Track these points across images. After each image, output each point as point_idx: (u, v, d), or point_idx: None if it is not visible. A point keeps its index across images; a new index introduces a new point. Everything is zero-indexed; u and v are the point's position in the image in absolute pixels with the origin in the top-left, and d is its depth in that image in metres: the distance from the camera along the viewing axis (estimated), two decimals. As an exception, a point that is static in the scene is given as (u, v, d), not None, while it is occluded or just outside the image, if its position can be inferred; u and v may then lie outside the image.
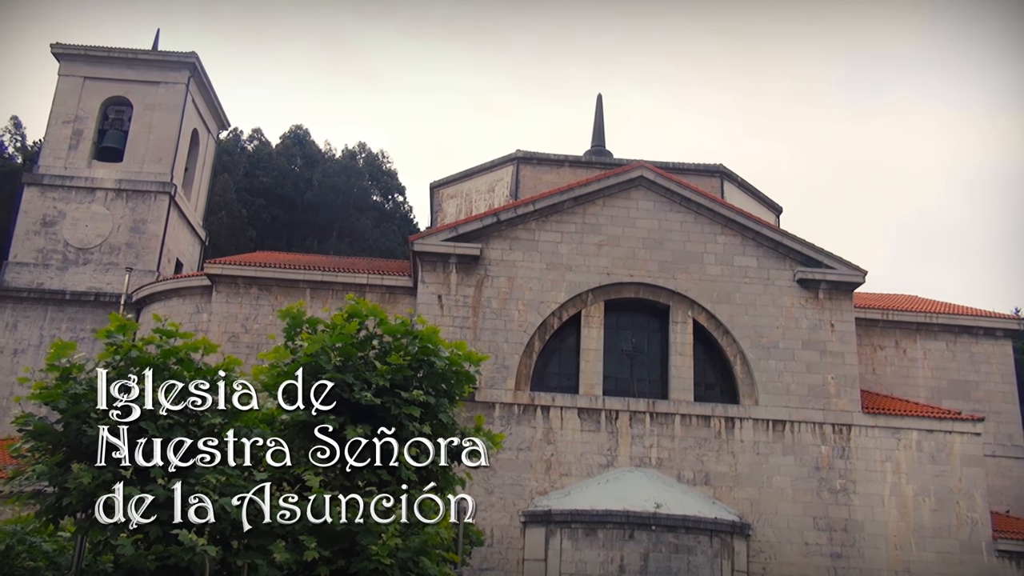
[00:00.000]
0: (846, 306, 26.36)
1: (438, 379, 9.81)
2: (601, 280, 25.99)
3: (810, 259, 26.48)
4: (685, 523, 22.67)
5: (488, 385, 24.66)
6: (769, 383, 25.45)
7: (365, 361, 9.41)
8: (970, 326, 29.60)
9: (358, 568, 7.98)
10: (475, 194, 33.52)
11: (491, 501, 23.75)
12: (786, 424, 25.09)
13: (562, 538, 22.90)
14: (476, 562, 22.49)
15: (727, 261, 26.44)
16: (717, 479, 24.48)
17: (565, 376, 25.88)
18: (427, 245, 25.82)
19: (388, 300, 27.09)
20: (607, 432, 24.68)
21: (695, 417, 25.01)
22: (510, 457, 24.14)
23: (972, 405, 28.28)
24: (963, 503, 24.65)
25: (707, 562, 22.71)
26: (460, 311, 25.39)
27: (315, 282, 27.52)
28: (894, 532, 24.34)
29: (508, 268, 25.88)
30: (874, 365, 28.84)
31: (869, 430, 25.17)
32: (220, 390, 8.72)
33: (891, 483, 24.75)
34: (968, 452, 25.13)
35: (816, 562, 23.93)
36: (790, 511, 24.30)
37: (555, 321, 25.79)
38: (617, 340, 26.26)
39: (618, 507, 22.73)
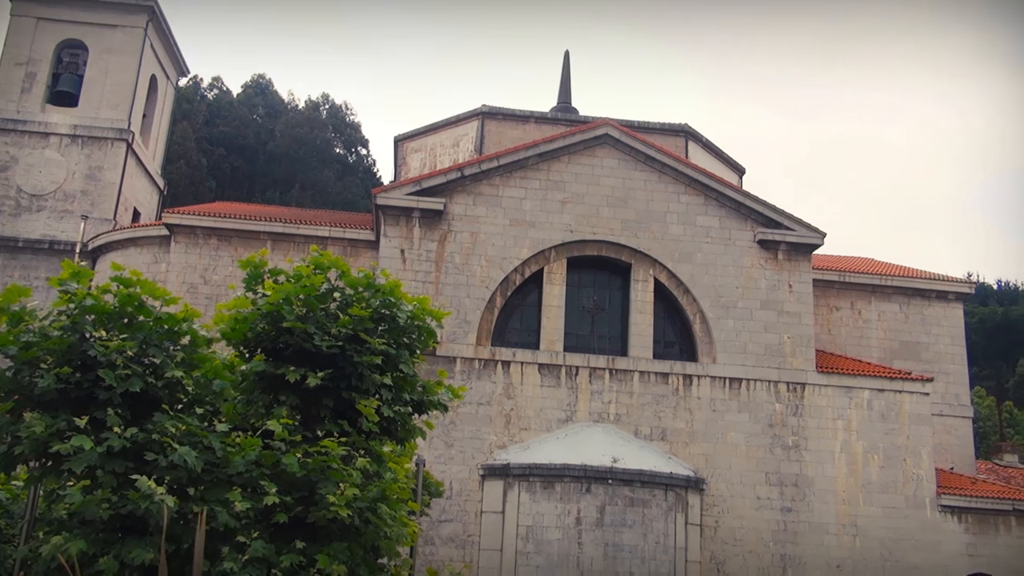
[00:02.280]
0: (804, 267, 26.76)
1: (400, 333, 9.80)
2: (564, 237, 26.05)
3: (771, 220, 26.77)
4: (641, 477, 23.11)
5: (450, 340, 24.74)
6: (727, 342, 25.84)
7: (327, 313, 9.37)
8: (923, 289, 30.24)
9: (316, 516, 8.04)
10: (439, 148, 33.27)
11: (451, 454, 23.97)
12: (742, 382, 25.55)
13: (520, 491, 23.22)
14: (435, 513, 22.76)
15: (689, 221, 26.64)
16: (674, 435, 24.92)
17: (526, 332, 26.04)
18: (390, 199, 25.64)
19: (350, 253, 26.94)
20: (567, 388, 24.95)
21: (654, 374, 25.36)
22: (470, 411, 24.34)
23: (922, 366, 29.02)
24: (910, 460, 25.41)
25: (662, 515, 23.21)
26: (423, 265, 25.34)
27: (276, 234, 27.24)
28: (843, 487, 25.05)
29: (471, 223, 25.82)
30: (829, 326, 29.40)
31: (822, 389, 25.74)
32: (179, 339, 8.65)
33: (842, 440, 25.40)
34: (916, 411, 25.84)
35: (767, 516, 24.58)
36: (743, 466, 24.86)
37: (517, 277, 25.86)
38: (579, 297, 26.44)
39: (576, 461, 23.08)
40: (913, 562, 24.68)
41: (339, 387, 9.04)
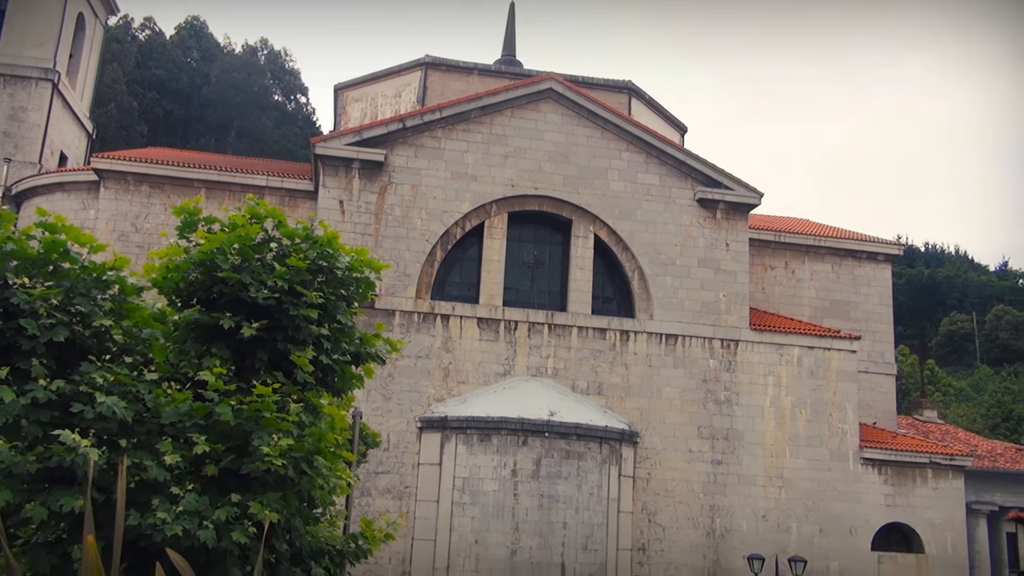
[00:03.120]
0: (741, 226, 27.18)
1: (338, 284, 9.68)
2: (505, 192, 25.97)
3: (710, 179, 27.06)
4: (577, 431, 23.47)
5: (389, 293, 24.59)
6: (664, 299, 26.21)
7: (263, 263, 9.19)
8: (855, 250, 31.02)
9: (250, 468, 7.97)
10: (381, 98, 32.71)
11: (388, 407, 23.98)
12: (678, 338, 26.00)
13: (457, 443, 23.40)
14: (372, 465, 22.83)
15: (630, 178, 26.77)
16: (610, 389, 25.31)
17: (466, 286, 26.02)
18: (330, 148, 25.18)
19: (288, 203, 26.46)
20: (505, 342, 25.07)
21: (592, 329, 25.63)
22: (408, 364, 24.33)
23: (851, 324, 29.88)
24: (835, 415, 26.28)
25: (596, 467, 23.66)
26: (362, 217, 25.04)
27: (211, 182, 26.58)
28: (771, 441, 25.82)
29: (412, 176, 25.55)
30: (764, 284, 30.02)
31: (755, 346, 26.35)
32: (107, 287, 8.41)
33: (772, 395, 26.11)
34: (844, 368, 26.66)
35: (698, 468, 25.23)
36: (677, 420, 25.42)
37: (458, 231, 25.75)
38: (519, 252, 26.48)
39: (513, 414, 23.31)
40: (835, 512, 25.67)
41: (275, 338, 8.91)
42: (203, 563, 7.65)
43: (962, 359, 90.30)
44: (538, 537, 22.65)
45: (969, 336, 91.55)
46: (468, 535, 22.73)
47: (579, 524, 23.05)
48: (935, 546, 26.15)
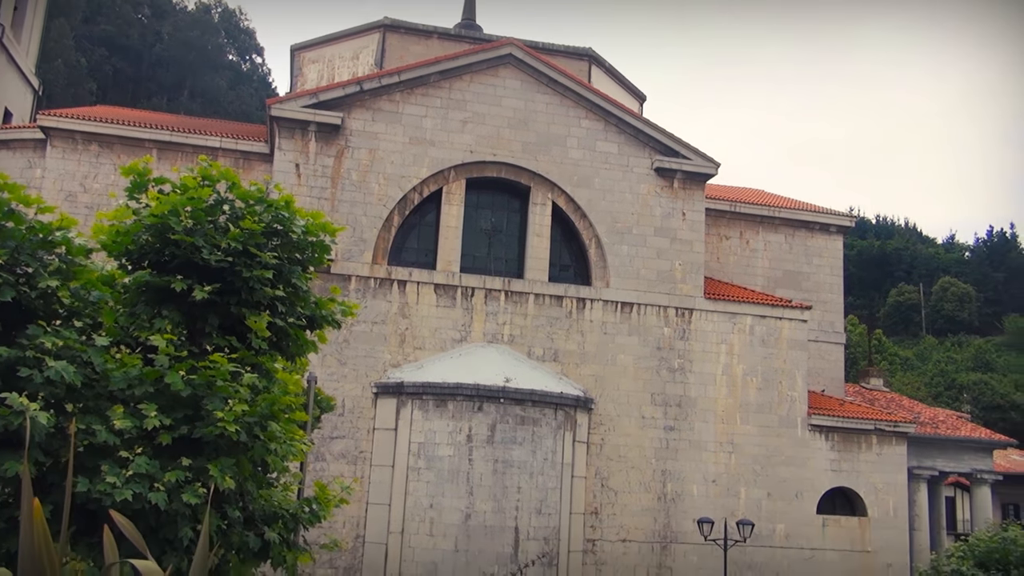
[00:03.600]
0: (698, 196, 27.40)
1: (292, 248, 9.57)
2: (464, 157, 25.83)
3: (668, 148, 27.18)
4: (532, 397, 23.65)
5: (345, 258, 24.41)
6: (621, 267, 26.39)
7: (215, 226, 9.04)
8: (808, 221, 31.48)
9: (203, 432, 7.91)
10: (338, 60, 32.19)
11: (344, 372, 23.91)
12: (634, 306, 26.24)
13: (413, 409, 23.45)
14: (327, 430, 22.81)
15: (589, 146, 26.77)
16: (565, 356, 25.51)
17: (423, 252, 25.93)
18: (285, 110, 24.77)
19: (242, 166, 26.03)
20: (462, 308, 25.09)
21: (548, 297, 25.75)
22: (364, 330, 24.24)
23: (802, 294, 30.41)
24: (785, 383, 26.82)
25: (551, 433, 23.90)
26: (318, 181, 24.75)
27: (163, 142, 26.02)
28: (723, 407, 26.29)
29: (370, 140, 25.27)
30: (719, 254, 30.36)
31: (709, 314, 26.71)
32: (54, 248, 8.23)
33: (724, 363, 26.54)
34: (794, 337, 27.17)
35: (651, 434, 25.63)
36: (631, 387, 25.74)
37: (416, 196, 25.58)
38: (477, 218, 26.42)
39: (469, 380, 23.40)
40: (783, 476, 26.30)
41: (227, 302, 8.81)
42: (154, 525, 7.61)
43: (908, 329, 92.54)
44: (492, 501, 22.88)
45: (916, 307, 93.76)
46: (423, 499, 22.88)
47: (533, 489, 23.32)
48: (877, 509, 26.96)
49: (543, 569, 23.14)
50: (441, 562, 22.45)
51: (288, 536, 9.06)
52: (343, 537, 22.65)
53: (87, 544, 7.25)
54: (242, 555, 8.55)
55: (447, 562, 22.43)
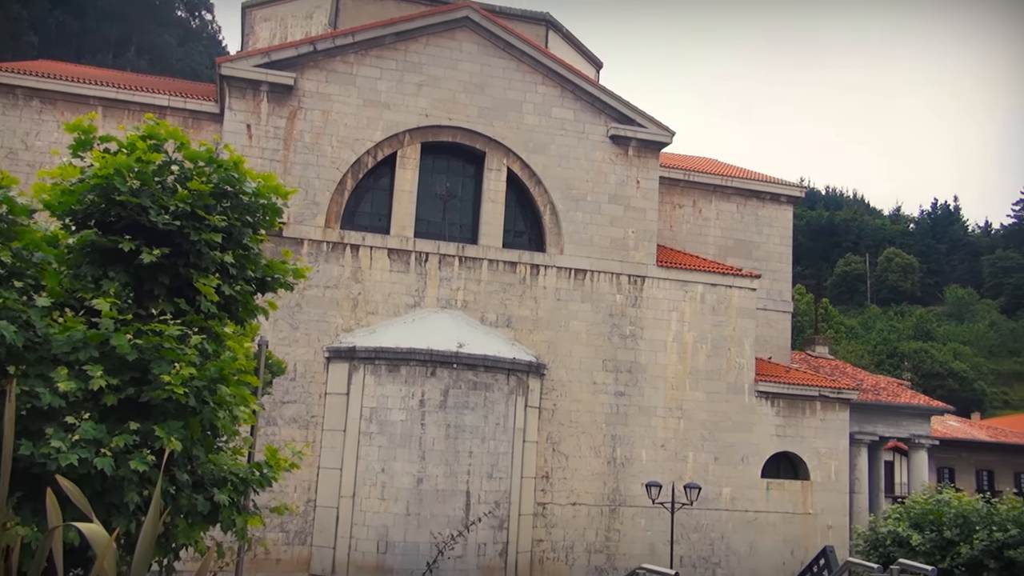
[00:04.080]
0: (652, 164, 27.54)
1: (243, 210, 9.40)
2: (419, 121, 25.58)
3: (624, 116, 27.21)
4: (485, 362, 23.75)
5: (297, 221, 24.12)
6: (575, 234, 26.49)
7: (163, 187, 8.85)
8: (759, 191, 31.88)
9: (151, 395, 7.81)
10: (291, 19, 31.50)
11: (296, 337, 23.74)
12: (587, 273, 26.41)
13: (365, 373, 23.41)
14: (278, 395, 22.68)
15: (545, 112, 26.69)
16: (519, 322, 25.63)
17: (377, 216, 25.73)
18: (236, 69, 24.24)
19: (191, 126, 25.47)
20: (416, 273, 25.01)
21: (502, 263, 25.78)
22: (317, 294, 24.06)
23: (753, 263, 30.88)
24: (734, 350, 27.30)
25: (503, 398, 24.07)
26: (270, 143, 24.33)
27: (108, 99, 25.31)
28: (672, 374, 26.69)
29: (323, 101, 24.88)
30: (672, 222, 30.64)
31: (660, 282, 27.00)
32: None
33: (675, 330, 26.90)
34: (744, 305, 27.62)
35: (602, 400, 25.95)
36: (583, 353, 25.98)
37: (369, 160, 25.31)
38: (431, 183, 26.25)
39: (422, 345, 23.41)
40: (730, 441, 26.87)
41: (176, 264, 8.66)
42: (99, 490, 7.53)
43: (854, 298, 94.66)
44: (444, 466, 23.02)
45: (862, 277, 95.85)
46: (375, 464, 22.94)
47: (485, 453, 23.51)
48: (819, 473, 27.72)
49: (493, 532, 23.42)
50: (392, 525, 22.58)
51: (238, 500, 9.02)
52: (294, 501, 22.65)
53: (32, 509, 7.14)
54: (191, 519, 8.49)
55: (398, 525, 22.57)
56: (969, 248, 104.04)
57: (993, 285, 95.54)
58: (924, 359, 69.85)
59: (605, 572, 25.03)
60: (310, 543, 23.09)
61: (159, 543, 8.16)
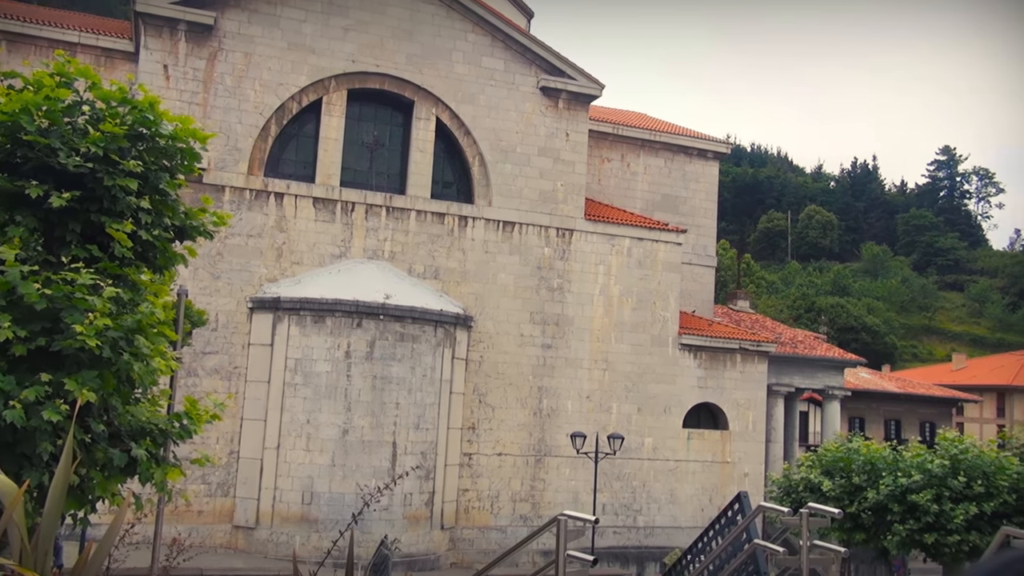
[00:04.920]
0: (582, 117, 27.49)
1: (159, 154, 9.03)
2: (346, 67, 24.95)
3: (554, 68, 27.02)
4: (412, 314, 23.63)
5: (218, 167, 23.41)
6: (504, 185, 26.37)
7: (74, 127, 8.43)
8: (687, 146, 32.18)
9: (63, 345, 7.51)
10: (211, -45, 30.19)
11: (217, 286, 23.19)
12: (515, 226, 26.38)
13: (290, 324, 23.06)
14: (199, 345, 22.19)
15: (475, 61, 26.32)
16: (446, 274, 25.51)
17: (302, 164, 25.14)
18: (152, 6, 23.16)
19: (104, 64, 24.34)
20: (342, 223, 24.61)
21: (430, 214, 25.54)
22: (239, 243, 23.49)
23: (679, 218, 31.28)
24: (659, 303, 27.74)
25: (430, 350, 24.03)
26: (189, 85, 23.44)
27: (14, 34, 23.94)
28: (599, 327, 27.02)
29: (245, 43, 24.02)
30: (600, 176, 30.75)
31: (588, 235, 27.16)
32: None
33: (601, 284, 27.17)
34: (669, 259, 28.02)
35: (529, 352, 26.14)
36: (510, 306, 26.06)
37: (294, 105, 24.63)
38: (358, 131, 25.73)
39: (348, 296, 23.14)
40: (653, 393, 27.44)
41: (88, 210, 8.29)
42: (10, 441, 7.26)
43: (775, 254, 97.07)
44: (370, 417, 22.96)
45: (783, 233, 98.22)
46: (299, 415, 22.73)
47: (411, 404, 23.51)
48: (738, 423, 28.59)
49: (420, 482, 23.54)
50: (318, 477, 22.49)
51: (156, 452, 8.81)
52: (216, 453, 22.34)
53: (-65, 462, 6.85)
54: (107, 472, 8.26)
55: (324, 476, 22.49)
56: (885, 207, 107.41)
57: (906, 243, 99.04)
58: (840, 313, 72.29)
59: (530, 520, 25.47)
60: (233, 495, 22.86)
61: (74, 496, 7.94)
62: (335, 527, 21.01)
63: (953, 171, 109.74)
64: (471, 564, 23.66)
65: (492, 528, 25.32)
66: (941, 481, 19.53)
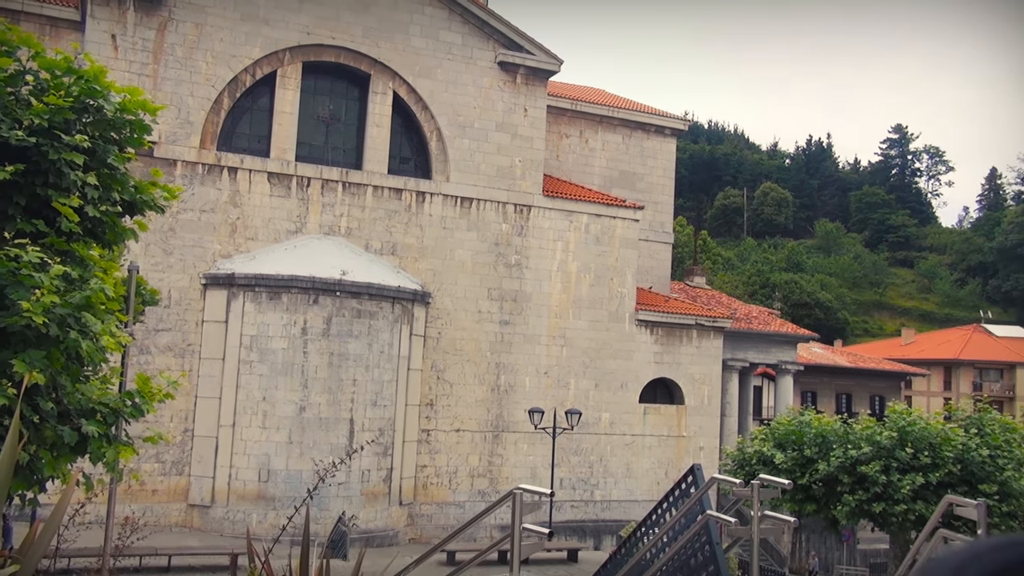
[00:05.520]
0: (540, 93, 27.40)
1: (107, 126, 8.80)
2: (301, 39, 24.53)
3: (512, 42, 26.86)
4: (369, 290, 23.49)
5: (170, 141, 22.94)
6: (462, 161, 26.24)
7: (16, 98, 8.17)
8: (645, 123, 32.27)
9: (7, 322, 7.34)
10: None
11: (170, 262, 22.81)
12: (473, 201, 26.28)
13: (245, 301, 22.78)
14: (151, 322, 21.84)
15: (432, 35, 26.05)
16: (404, 250, 25.37)
17: (256, 138, 24.74)
18: (99, -26, 22.52)
19: (49, 33, 23.65)
20: (297, 198, 24.31)
21: (387, 189, 25.34)
22: (192, 218, 23.09)
23: (636, 195, 31.42)
24: (616, 280, 27.91)
25: (388, 326, 23.93)
26: (138, 56, 22.87)
27: (-46, 2, 23.14)
28: (556, 303, 27.12)
29: (196, 13, 23.47)
30: (558, 152, 30.72)
31: (546, 211, 27.17)
32: None
33: (559, 260, 27.24)
34: (626, 236, 28.17)
35: (487, 328, 26.17)
36: (468, 282, 26.03)
37: (247, 78, 24.19)
38: (314, 105, 25.37)
39: (304, 273, 22.91)
40: (610, 368, 27.67)
41: (33, 183, 8.07)
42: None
43: (731, 231, 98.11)
44: (327, 394, 22.84)
45: (739, 210, 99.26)
46: (255, 392, 22.53)
47: (369, 381, 23.43)
48: (693, 398, 28.97)
49: (378, 459, 23.52)
50: (274, 454, 22.35)
51: (108, 431, 8.67)
52: (171, 431, 22.07)
53: None
54: (56, 450, 8.12)
55: (280, 454, 22.36)
56: (839, 184, 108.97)
57: (859, 220, 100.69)
58: (794, 289, 73.42)
59: (488, 496, 25.61)
60: (188, 473, 22.64)
61: (23, 475, 7.79)
62: (292, 504, 20.90)
63: (905, 149, 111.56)
64: (429, 539, 23.75)
65: (450, 504, 25.43)
66: (889, 453, 20.03)
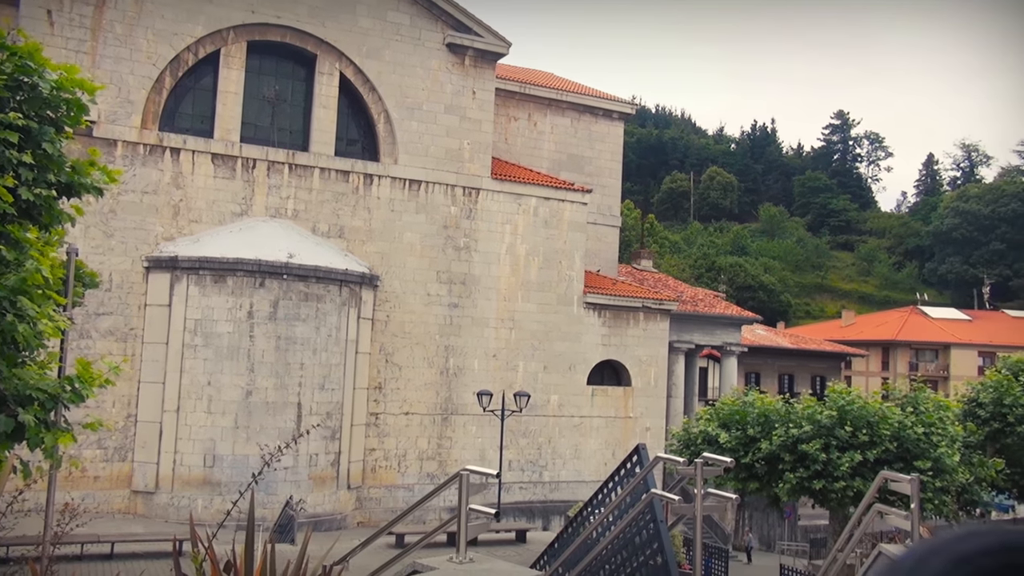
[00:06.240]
0: (488, 75, 27.32)
1: (42, 105, 8.57)
2: (245, 18, 24.08)
3: (461, 24, 26.71)
4: (316, 273, 23.28)
5: (109, 120, 22.38)
6: (409, 143, 26.08)
7: (-54, 76, 7.92)
8: (593, 106, 32.40)
9: (-61, 307, 7.14)
10: None
11: (111, 245, 22.32)
12: (421, 184, 26.16)
13: (189, 284, 22.41)
14: (92, 306, 21.37)
15: (380, 15, 25.77)
16: (351, 233, 25.18)
17: (199, 118, 24.26)
18: (33, -53, 21.79)
19: (-19, 8, 22.81)
20: (243, 180, 23.93)
21: (334, 171, 25.09)
22: (133, 200, 22.61)
23: (584, 178, 31.58)
24: (565, 263, 28.07)
25: (335, 309, 23.76)
26: (75, 32, 22.24)
27: None
28: (505, 286, 27.19)
29: (136, -11, 22.86)
30: (507, 135, 30.71)
31: (495, 194, 27.17)
32: None
33: (508, 243, 27.29)
34: (575, 219, 28.32)
35: (435, 311, 26.14)
36: (417, 265, 25.95)
37: (190, 57, 23.68)
38: (259, 85, 24.96)
39: (250, 255, 22.61)
40: (559, 351, 27.86)
41: (-35, 163, 7.84)
42: None
43: (678, 215, 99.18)
44: (274, 378, 22.62)
45: (686, 194, 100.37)
46: (200, 377, 22.22)
47: (316, 365, 23.26)
48: (640, 379, 29.34)
49: (325, 443, 23.40)
50: (220, 439, 22.09)
51: (46, 417, 8.50)
52: (113, 417, 21.68)
53: None
54: (-8, 438, 7.94)
55: (226, 439, 22.11)
56: (783, 168, 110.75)
57: (802, 204, 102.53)
58: (739, 272, 74.59)
59: (437, 478, 25.67)
60: (131, 459, 22.27)
61: (-44, 464, 7.60)
62: (238, 490, 20.62)
63: (846, 135, 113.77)
64: (378, 523, 23.74)
65: (399, 487, 25.43)
66: (829, 431, 20.57)
